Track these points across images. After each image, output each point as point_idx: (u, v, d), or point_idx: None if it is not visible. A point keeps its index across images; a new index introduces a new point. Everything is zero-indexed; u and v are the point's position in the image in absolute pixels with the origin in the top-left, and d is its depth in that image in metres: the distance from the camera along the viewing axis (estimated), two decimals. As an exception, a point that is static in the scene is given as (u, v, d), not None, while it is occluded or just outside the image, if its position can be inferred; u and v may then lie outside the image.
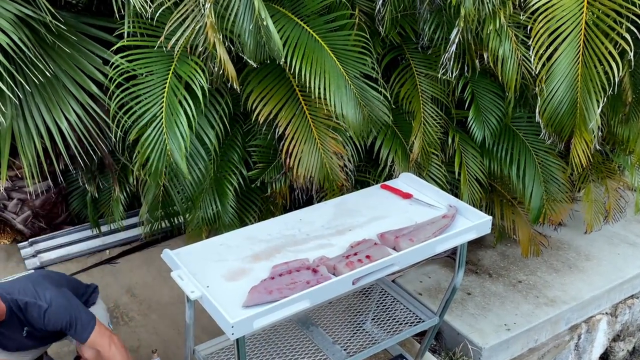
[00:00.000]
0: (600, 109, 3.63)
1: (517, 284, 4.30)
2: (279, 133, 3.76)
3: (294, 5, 3.75)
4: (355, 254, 2.68)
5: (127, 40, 3.57)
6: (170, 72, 3.57)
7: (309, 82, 3.52)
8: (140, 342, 3.77)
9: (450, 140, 4.11)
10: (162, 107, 3.53)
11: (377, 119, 3.81)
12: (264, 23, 3.28)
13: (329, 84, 3.55)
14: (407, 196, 3.22)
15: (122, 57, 3.55)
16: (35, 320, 2.75)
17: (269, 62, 3.64)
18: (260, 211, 4.23)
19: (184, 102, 3.52)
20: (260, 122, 3.73)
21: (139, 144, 3.60)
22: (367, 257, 2.65)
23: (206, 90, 3.54)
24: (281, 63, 3.54)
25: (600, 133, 4.30)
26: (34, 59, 3.58)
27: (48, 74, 3.66)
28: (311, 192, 3.94)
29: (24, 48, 3.50)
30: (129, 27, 3.56)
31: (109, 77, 3.61)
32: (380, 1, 3.82)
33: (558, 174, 4.25)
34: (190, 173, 3.88)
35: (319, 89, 3.53)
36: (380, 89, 3.81)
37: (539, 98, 3.74)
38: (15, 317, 2.75)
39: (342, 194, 3.62)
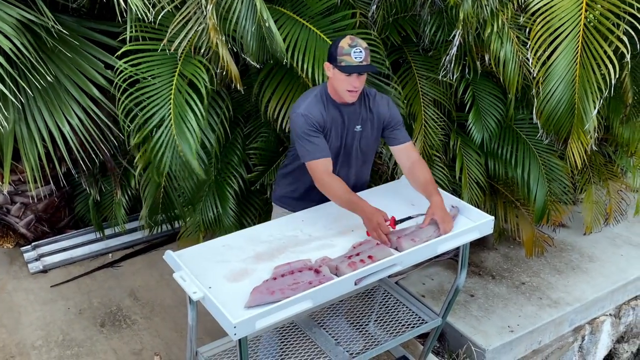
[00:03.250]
0: (596, 110, 3.62)
1: (520, 286, 4.29)
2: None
3: (296, 7, 3.76)
4: (358, 254, 2.67)
5: (130, 45, 3.57)
6: (176, 73, 3.57)
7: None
8: (143, 345, 3.77)
9: (452, 143, 4.11)
10: (171, 108, 3.53)
11: None
12: (266, 24, 3.29)
13: None
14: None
15: (125, 62, 3.55)
16: (379, 103, 3.09)
17: (282, 64, 3.64)
18: (259, 214, 4.24)
19: (191, 102, 3.52)
20: (284, 128, 3.75)
21: (145, 146, 3.61)
22: (370, 257, 2.65)
23: (209, 88, 3.54)
24: (290, 63, 3.53)
25: (600, 134, 4.30)
26: (35, 64, 3.59)
27: (49, 78, 3.67)
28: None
29: (26, 52, 3.51)
30: (131, 31, 3.57)
31: (114, 83, 3.60)
32: (374, 6, 3.83)
33: (561, 175, 4.25)
34: (190, 175, 3.89)
35: None
36: (392, 83, 3.81)
37: (535, 99, 3.74)
38: (362, 103, 3.04)
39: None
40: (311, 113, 2.91)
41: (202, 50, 3.52)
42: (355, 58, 2.82)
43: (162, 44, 3.54)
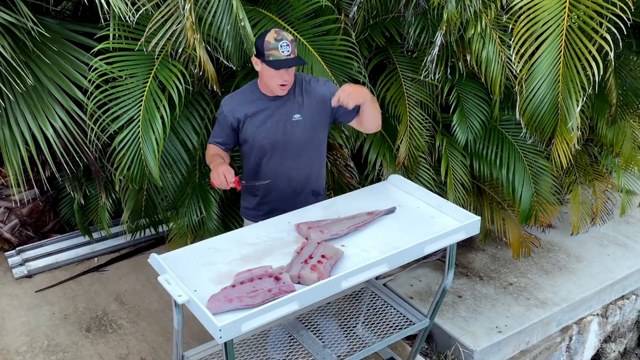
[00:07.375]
0: (579, 108, 3.63)
1: (508, 286, 4.29)
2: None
3: (281, 9, 3.74)
4: (311, 257, 2.66)
5: (110, 43, 3.55)
6: (151, 75, 3.56)
7: None
8: (129, 350, 3.73)
9: (437, 144, 4.11)
10: (140, 109, 3.52)
11: None
12: (242, 24, 3.28)
13: None
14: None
15: (102, 60, 3.54)
16: (315, 86, 3.09)
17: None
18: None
19: (161, 107, 3.50)
20: None
21: (114, 145, 3.60)
22: (323, 256, 2.65)
23: (182, 95, 3.52)
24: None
25: (585, 134, 4.31)
26: (16, 67, 3.55)
27: (31, 81, 3.63)
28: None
29: (7, 56, 3.47)
30: (114, 31, 3.55)
31: (88, 79, 3.59)
32: (355, 7, 3.82)
33: (547, 175, 4.26)
34: (173, 178, 3.87)
35: None
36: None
37: (518, 97, 3.75)
38: (296, 90, 3.05)
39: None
40: (228, 103, 3.06)
41: (181, 51, 3.50)
42: (283, 52, 2.84)
43: (139, 43, 3.52)
